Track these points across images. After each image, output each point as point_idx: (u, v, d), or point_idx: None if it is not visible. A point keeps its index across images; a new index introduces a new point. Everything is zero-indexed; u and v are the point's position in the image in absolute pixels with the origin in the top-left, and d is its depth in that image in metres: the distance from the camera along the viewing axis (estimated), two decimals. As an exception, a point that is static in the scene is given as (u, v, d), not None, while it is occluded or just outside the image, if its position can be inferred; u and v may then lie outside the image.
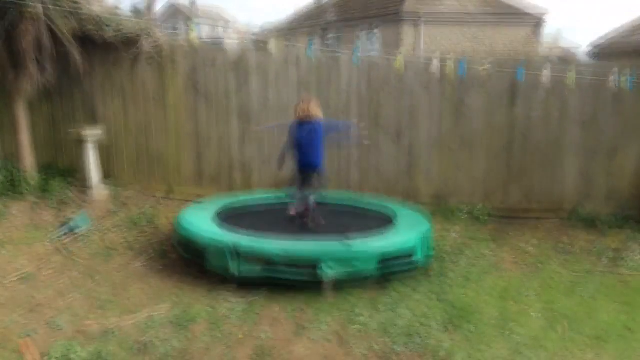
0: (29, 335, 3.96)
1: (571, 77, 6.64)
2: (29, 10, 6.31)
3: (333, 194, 6.99)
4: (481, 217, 7.04)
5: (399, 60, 6.83)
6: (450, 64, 6.78)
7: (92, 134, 7.22)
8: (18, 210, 6.56)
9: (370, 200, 6.68)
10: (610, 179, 7.08)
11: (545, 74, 6.66)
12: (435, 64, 6.73)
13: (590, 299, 4.82)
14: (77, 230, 6.13)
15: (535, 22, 20.39)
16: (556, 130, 7.15)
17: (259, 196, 6.78)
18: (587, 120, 7.06)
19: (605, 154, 7.08)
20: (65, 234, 6.06)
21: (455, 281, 5.16)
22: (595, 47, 15.27)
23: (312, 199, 5.81)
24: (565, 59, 7.12)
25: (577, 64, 7.21)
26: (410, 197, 7.34)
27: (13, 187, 6.97)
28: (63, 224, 6.24)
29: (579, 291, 4.98)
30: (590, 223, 6.81)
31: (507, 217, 7.13)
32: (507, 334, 4.12)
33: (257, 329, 4.17)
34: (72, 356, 3.64)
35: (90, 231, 6.19)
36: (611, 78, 6.64)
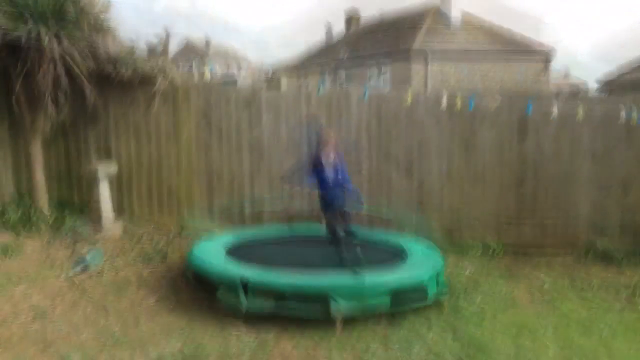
0: (41, 373, 3.94)
1: (581, 111, 6.68)
2: (49, 52, 6.50)
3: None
4: (495, 252, 6.98)
5: (409, 96, 6.92)
6: (459, 100, 6.86)
7: (106, 171, 7.33)
8: (33, 247, 6.62)
9: (381, 235, 6.66)
10: (624, 213, 7.03)
11: (555, 109, 6.71)
12: (445, 99, 6.81)
13: (609, 335, 4.72)
14: (90, 267, 6.16)
15: (544, 58, 20.59)
16: (568, 165, 7.15)
17: (270, 231, 6.80)
18: (599, 155, 7.06)
19: (618, 188, 7.04)
20: (79, 271, 6.08)
21: (469, 318, 5.08)
22: (605, 81, 15.36)
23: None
24: (575, 93, 7.16)
25: (588, 99, 7.26)
26: (422, 232, 7.31)
27: (28, 223, 7.06)
28: (77, 261, 6.27)
29: (597, 328, 4.88)
30: (607, 258, 6.72)
31: (522, 252, 7.06)
32: (524, 372, 4.03)
33: (269, 366, 4.12)
34: (84, 394, 3.61)
35: (103, 267, 6.21)
36: (622, 113, 6.67)
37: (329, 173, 5.63)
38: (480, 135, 7.31)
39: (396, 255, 5.75)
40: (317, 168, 5.69)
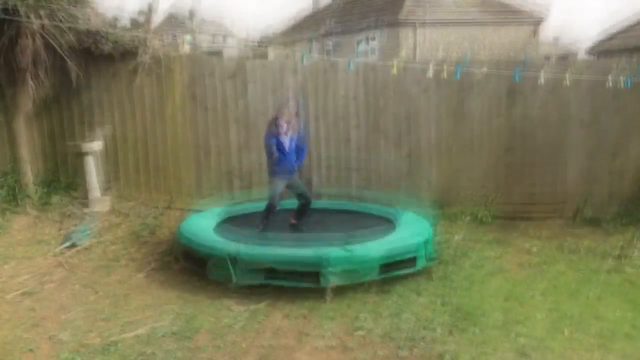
0: (31, 350, 3.93)
1: (570, 76, 6.63)
2: (27, 26, 6.33)
3: (333, 200, 6.99)
4: (484, 219, 7.01)
5: (396, 66, 6.84)
6: (447, 68, 6.78)
7: (92, 147, 7.22)
8: (20, 225, 6.56)
9: (371, 205, 6.66)
10: (612, 178, 7.06)
11: (544, 74, 6.65)
12: (433, 68, 6.73)
13: (596, 299, 4.77)
14: (78, 244, 6.12)
15: (534, 21, 20.40)
16: (556, 131, 7.13)
17: (259, 204, 6.76)
18: (587, 121, 7.04)
19: (607, 153, 7.05)
20: (67, 248, 6.05)
21: (459, 284, 5.12)
22: (595, 43, 15.27)
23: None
24: (565, 57, 7.11)
25: (576, 63, 7.21)
26: (411, 203, 7.31)
27: (14, 201, 6.97)
28: (65, 238, 6.23)
29: (585, 291, 4.94)
30: (594, 223, 6.78)
31: (511, 218, 7.10)
32: (512, 336, 4.07)
33: (260, 337, 4.14)
34: (74, 370, 3.62)
35: (92, 244, 6.18)
36: (610, 76, 6.63)
37: (284, 142, 5.70)
38: (469, 104, 7.27)
39: (385, 225, 5.76)
40: (273, 136, 5.73)
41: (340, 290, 4.75)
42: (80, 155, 7.19)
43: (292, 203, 6.06)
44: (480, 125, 7.28)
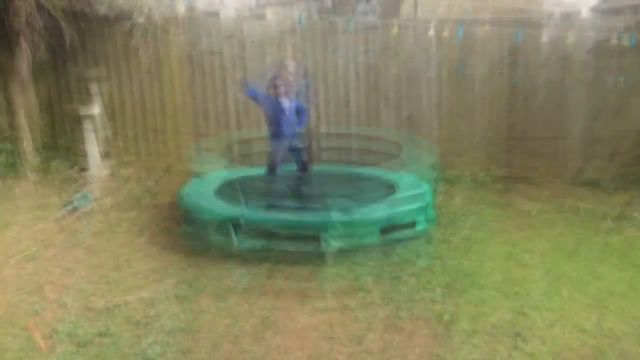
0: (36, 313, 3.99)
1: (572, 35, 6.50)
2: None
3: (333, 164, 6.98)
4: (484, 182, 7.01)
5: (396, 26, 6.73)
6: (448, 27, 6.66)
7: (89, 112, 7.16)
8: (20, 191, 6.56)
9: (371, 170, 6.64)
10: (614, 139, 7.01)
11: (547, 34, 6.53)
12: (433, 27, 6.62)
13: (595, 260, 4.81)
14: (80, 208, 6.14)
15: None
16: (559, 92, 7.05)
17: (260, 168, 6.75)
18: (590, 80, 6.94)
19: (609, 114, 6.98)
20: (68, 213, 6.07)
21: (458, 246, 5.15)
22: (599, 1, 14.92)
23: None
24: (568, 15, 6.94)
25: (579, 21, 7.05)
26: (412, 165, 7.29)
27: (14, 168, 6.96)
28: (66, 203, 6.24)
29: (584, 253, 4.97)
30: (595, 184, 6.77)
31: (511, 180, 7.09)
32: (511, 297, 4.12)
33: (262, 299, 4.19)
34: (80, 332, 3.67)
35: (93, 209, 6.20)
36: (613, 36, 6.49)
37: (283, 104, 5.61)
38: (470, 64, 7.16)
39: (385, 189, 5.76)
40: (272, 99, 5.65)
41: (341, 254, 4.78)
42: (78, 120, 7.14)
43: (293, 167, 6.04)
44: (481, 85, 7.19)
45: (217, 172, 6.49)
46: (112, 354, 3.43)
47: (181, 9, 6.92)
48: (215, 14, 7.47)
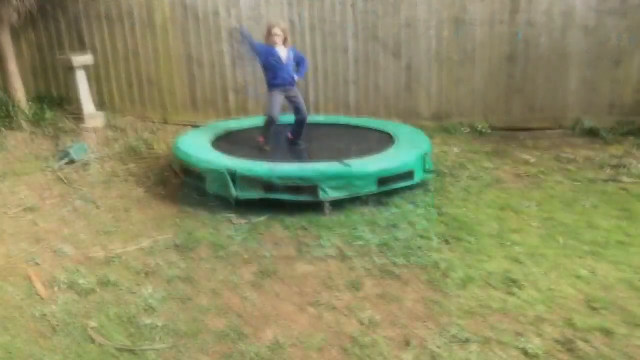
0: (36, 264, 4.02)
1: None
2: None
3: (330, 115, 6.92)
4: (483, 131, 6.97)
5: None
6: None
7: (82, 61, 7.03)
8: (16, 142, 6.52)
9: (369, 120, 6.59)
10: (614, 87, 6.93)
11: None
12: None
13: (591, 208, 4.84)
14: (76, 159, 6.11)
15: None
16: (560, 40, 6.91)
17: (257, 119, 6.70)
18: (592, 26, 6.79)
19: (610, 63, 6.88)
20: (65, 164, 6.04)
21: (456, 195, 5.17)
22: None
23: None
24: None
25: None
26: (411, 115, 7.24)
27: (8, 118, 6.89)
28: (62, 154, 6.21)
29: (581, 201, 4.99)
30: (594, 133, 6.75)
31: (510, 130, 7.07)
32: (507, 245, 4.16)
33: (261, 249, 4.23)
34: (80, 281, 3.71)
35: (90, 159, 6.17)
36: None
37: (280, 53, 5.47)
38: (471, 11, 6.98)
39: (383, 139, 5.73)
40: (268, 49, 5.50)
41: (339, 204, 4.80)
42: (71, 70, 7.01)
43: (291, 118, 5.98)
44: (482, 34, 7.04)
45: (214, 123, 6.44)
46: (113, 302, 3.48)
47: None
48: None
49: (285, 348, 2.99)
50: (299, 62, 5.69)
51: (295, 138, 5.83)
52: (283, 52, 5.51)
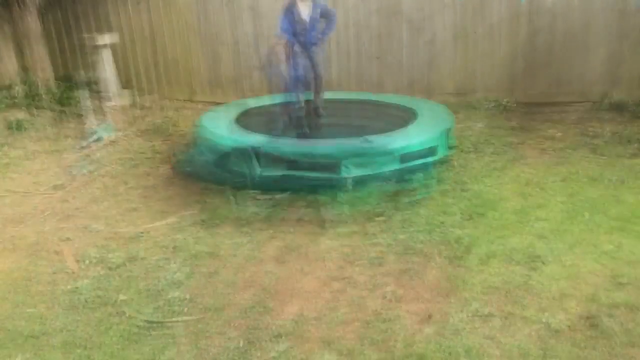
0: (68, 239, 4.15)
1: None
2: None
3: (353, 92, 6.88)
4: (508, 105, 6.88)
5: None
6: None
7: (107, 40, 7.10)
8: (45, 120, 6.67)
9: (391, 95, 6.54)
10: (640, 62, 6.74)
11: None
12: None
13: (617, 183, 4.75)
14: (103, 138, 6.22)
15: None
16: (584, 13, 6.72)
17: (279, 96, 6.71)
18: (620, 4, 6.59)
19: (636, 36, 6.67)
20: (92, 142, 6.16)
21: (479, 171, 5.13)
22: None
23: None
24: None
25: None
26: (434, 92, 7.16)
27: (38, 96, 7.03)
28: (89, 133, 6.33)
29: (607, 176, 4.91)
30: (620, 109, 6.60)
31: (535, 104, 6.95)
32: (531, 220, 4.13)
33: (285, 224, 4.28)
34: (110, 256, 3.83)
35: (117, 137, 6.28)
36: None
37: (302, 14, 5.35)
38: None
39: (406, 115, 5.69)
40: (289, 9, 5.37)
41: (361, 181, 4.81)
42: (96, 50, 7.10)
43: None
44: (506, 8, 6.88)
45: (237, 101, 6.47)
46: (142, 276, 3.59)
47: None
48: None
49: (309, 322, 3.05)
50: (327, 17, 5.50)
51: (315, 104, 5.76)
52: (305, 10, 5.35)
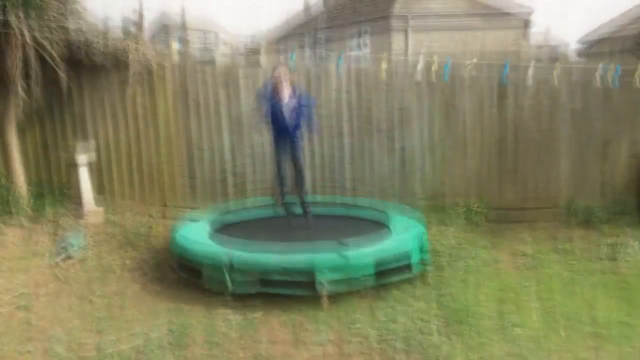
0: (27, 364, 3.92)
1: (557, 75, 6.78)
2: (17, 37, 6.32)
3: (326, 199, 6.99)
4: (477, 217, 7.04)
5: (383, 66, 6.96)
6: (436, 67, 6.91)
7: (85, 157, 7.19)
8: (14, 236, 6.52)
9: (365, 209, 6.63)
10: (603, 173, 7.16)
11: (532, 73, 6.78)
12: (421, 67, 6.85)
13: (589, 297, 4.80)
14: (73, 253, 6.09)
15: (523, 22, 20.40)
16: (547, 128, 7.22)
17: (252, 207, 6.80)
18: (578, 117, 7.13)
19: (597, 148, 7.15)
20: (62, 260, 6.02)
21: (453, 284, 5.15)
22: (584, 43, 15.34)
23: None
24: (554, 58, 7.19)
25: (566, 63, 7.30)
26: (404, 199, 7.33)
27: (8, 213, 6.93)
28: (60, 248, 6.19)
29: (578, 289, 4.97)
30: (586, 218, 6.83)
31: (503, 215, 7.15)
32: (506, 335, 4.10)
33: (257, 346, 4.14)
34: (71, 384, 3.61)
35: (87, 254, 6.16)
36: (597, 76, 6.76)
37: (283, 107, 5.64)
38: (460, 100, 7.33)
39: (379, 228, 5.75)
40: (271, 102, 5.68)
41: (336, 297, 4.75)
42: (74, 167, 7.16)
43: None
44: (472, 120, 7.33)
45: (211, 216, 6.48)
46: (104, 405, 3.36)
47: (174, 56, 7.09)
48: (211, 61, 7.64)
49: None
50: (302, 109, 5.75)
51: (296, 193, 5.96)
52: (285, 100, 5.62)
